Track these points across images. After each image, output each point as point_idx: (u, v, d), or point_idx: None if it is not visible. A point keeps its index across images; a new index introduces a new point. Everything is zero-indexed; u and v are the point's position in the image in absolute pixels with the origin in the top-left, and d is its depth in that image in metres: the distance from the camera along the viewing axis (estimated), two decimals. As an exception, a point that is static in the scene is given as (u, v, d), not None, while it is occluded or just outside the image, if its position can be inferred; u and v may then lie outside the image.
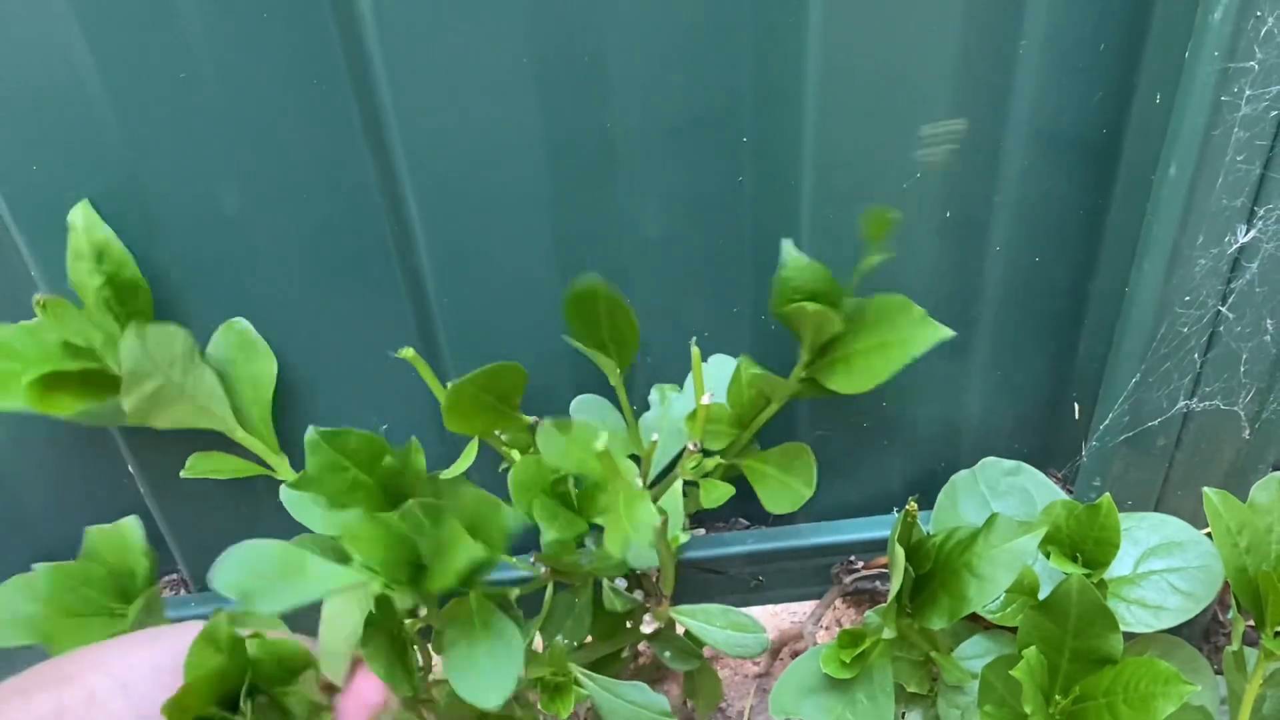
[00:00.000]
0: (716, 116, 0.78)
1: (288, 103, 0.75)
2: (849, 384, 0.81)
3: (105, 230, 0.78)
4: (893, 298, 0.79)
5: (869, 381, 0.80)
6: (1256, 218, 0.76)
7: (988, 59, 0.76)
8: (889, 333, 0.80)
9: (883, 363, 0.79)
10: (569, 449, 0.76)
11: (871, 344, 0.80)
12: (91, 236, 0.78)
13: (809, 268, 0.78)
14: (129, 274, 0.80)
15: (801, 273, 0.79)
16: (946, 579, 0.79)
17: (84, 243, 0.78)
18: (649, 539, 0.72)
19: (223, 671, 0.63)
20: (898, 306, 0.79)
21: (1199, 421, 0.87)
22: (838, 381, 0.82)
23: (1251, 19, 0.67)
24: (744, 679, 1.14)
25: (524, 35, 0.73)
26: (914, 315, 0.79)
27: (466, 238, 0.81)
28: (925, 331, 0.78)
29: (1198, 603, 0.85)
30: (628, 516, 0.72)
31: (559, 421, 0.77)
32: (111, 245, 0.78)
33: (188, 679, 0.61)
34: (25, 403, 0.77)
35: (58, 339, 0.79)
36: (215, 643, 0.62)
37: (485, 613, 0.74)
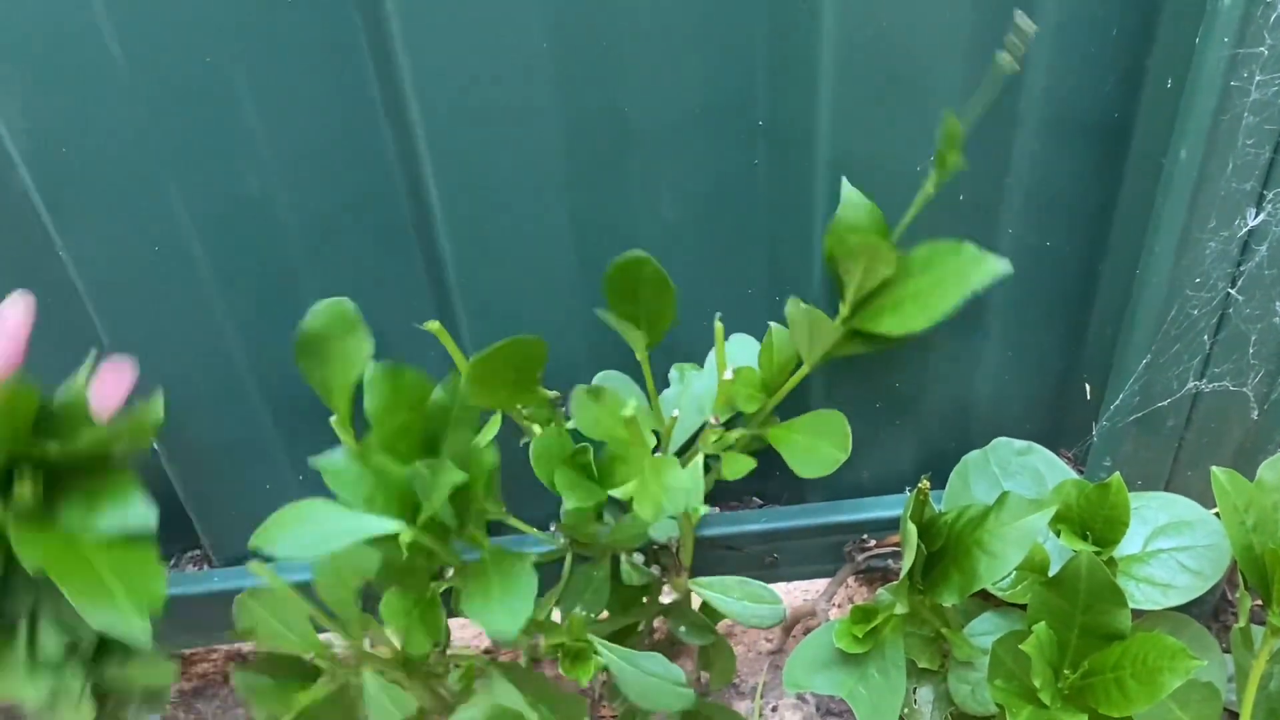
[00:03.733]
0: (732, 100, 0.79)
1: (310, 85, 0.77)
2: (900, 324, 0.81)
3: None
4: (941, 242, 0.80)
5: (923, 320, 0.80)
6: (1266, 201, 0.77)
7: (1000, 43, 0.77)
8: (943, 269, 0.80)
9: (938, 299, 0.80)
10: (600, 417, 0.78)
11: (924, 283, 0.80)
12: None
13: (863, 206, 0.80)
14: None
15: (857, 211, 0.80)
16: (958, 556, 0.81)
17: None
18: (683, 504, 0.73)
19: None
20: (950, 247, 0.80)
21: (1208, 402, 0.88)
22: (887, 323, 0.81)
23: (1262, 5, 0.68)
24: (758, 655, 1.16)
25: (542, 20, 0.74)
26: (969, 251, 0.79)
27: (485, 218, 0.82)
28: (983, 265, 0.78)
29: (1206, 581, 0.86)
30: (657, 481, 0.74)
31: (591, 389, 0.78)
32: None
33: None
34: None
35: None
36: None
37: (499, 558, 0.77)
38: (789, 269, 0.88)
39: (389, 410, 0.77)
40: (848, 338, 0.84)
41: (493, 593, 0.75)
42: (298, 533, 0.70)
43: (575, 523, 0.88)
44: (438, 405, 0.79)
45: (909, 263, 0.81)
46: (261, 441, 0.94)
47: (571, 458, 0.80)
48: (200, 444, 0.94)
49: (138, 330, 0.86)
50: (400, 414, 0.78)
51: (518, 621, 0.74)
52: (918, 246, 0.81)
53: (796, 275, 0.88)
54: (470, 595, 0.76)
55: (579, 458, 0.80)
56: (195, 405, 0.91)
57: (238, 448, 0.94)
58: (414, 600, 0.75)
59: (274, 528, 0.70)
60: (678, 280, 0.85)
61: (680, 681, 0.86)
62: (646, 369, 0.86)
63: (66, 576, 0.62)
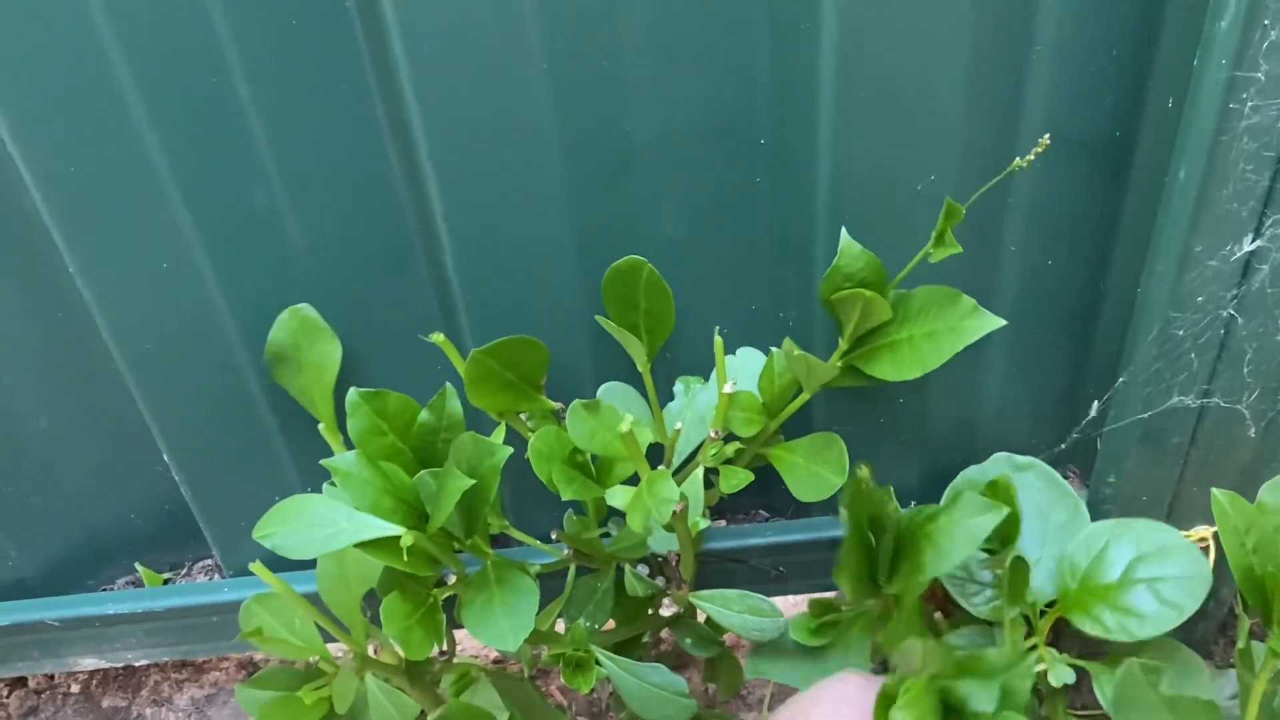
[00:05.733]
0: (734, 118, 0.80)
1: (315, 105, 0.78)
2: (896, 371, 0.83)
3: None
4: (940, 289, 0.82)
5: (917, 369, 0.82)
6: (1266, 224, 0.77)
7: (1001, 63, 0.77)
8: (938, 322, 0.82)
9: (932, 351, 0.82)
10: (596, 430, 0.79)
11: (919, 333, 0.82)
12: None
13: (861, 256, 0.81)
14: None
15: (854, 261, 0.81)
16: (907, 547, 0.81)
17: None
18: (669, 514, 0.74)
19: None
20: (947, 297, 0.82)
21: (1211, 420, 0.88)
22: (883, 369, 0.84)
23: (1258, 30, 0.68)
24: (764, 667, 1.16)
25: (542, 40, 0.75)
26: (965, 305, 0.81)
27: (489, 236, 0.84)
28: (977, 321, 0.80)
29: (1181, 613, 0.84)
30: (649, 493, 0.75)
31: (588, 402, 0.79)
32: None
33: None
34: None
35: None
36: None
37: (500, 569, 0.78)
38: (792, 284, 0.88)
39: (372, 433, 0.79)
40: (846, 373, 0.85)
41: (494, 604, 0.77)
42: (300, 529, 0.71)
43: (576, 531, 0.88)
44: (425, 427, 0.80)
45: (907, 305, 0.82)
46: (269, 452, 0.96)
47: (570, 455, 0.81)
48: (209, 455, 0.95)
49: (146, 343, 0.88)
50: (385, 438, 0.79)
51: (519, 636, 0.75)
52: (916, 291, 0.82)
53: (800, 291, 0.88)
54: (471, 605, 0.77)
55: (577, 456, 0.81)
56: (204, 416, 0.93)
57: (246, 458, 0.96)
58: (415, 605, 0.76)
59: (275, 520, 0.72)
60: (682, 296, 0.87)
61: (682, 692, 0.87)
62: (648, 379, 0.87)
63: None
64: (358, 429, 0.82)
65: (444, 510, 0.72)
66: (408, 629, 0.74)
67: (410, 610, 0.75)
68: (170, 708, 1.18)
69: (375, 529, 0.71)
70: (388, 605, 0.74)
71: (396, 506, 0.73)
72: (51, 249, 0.83)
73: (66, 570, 1.07)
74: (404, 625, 0.74)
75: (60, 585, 1.06)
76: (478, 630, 0.75)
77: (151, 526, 1.05)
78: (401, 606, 0.75)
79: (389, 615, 0.74)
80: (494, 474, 0.75)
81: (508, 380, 0.83)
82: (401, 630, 0.74)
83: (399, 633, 0.74)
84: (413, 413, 0.83)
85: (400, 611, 0.74)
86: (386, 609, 0.74)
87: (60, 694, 1.20)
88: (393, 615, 0.74)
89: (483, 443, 0.75)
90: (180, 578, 1.08)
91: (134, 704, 1.19)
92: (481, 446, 0.75)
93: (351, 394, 0.82)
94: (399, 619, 0.74)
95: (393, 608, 0.74)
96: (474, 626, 0.76)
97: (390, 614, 0.74)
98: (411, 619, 0.75)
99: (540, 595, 0.84)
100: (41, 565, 1.06)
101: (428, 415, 0.83)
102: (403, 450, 0.83)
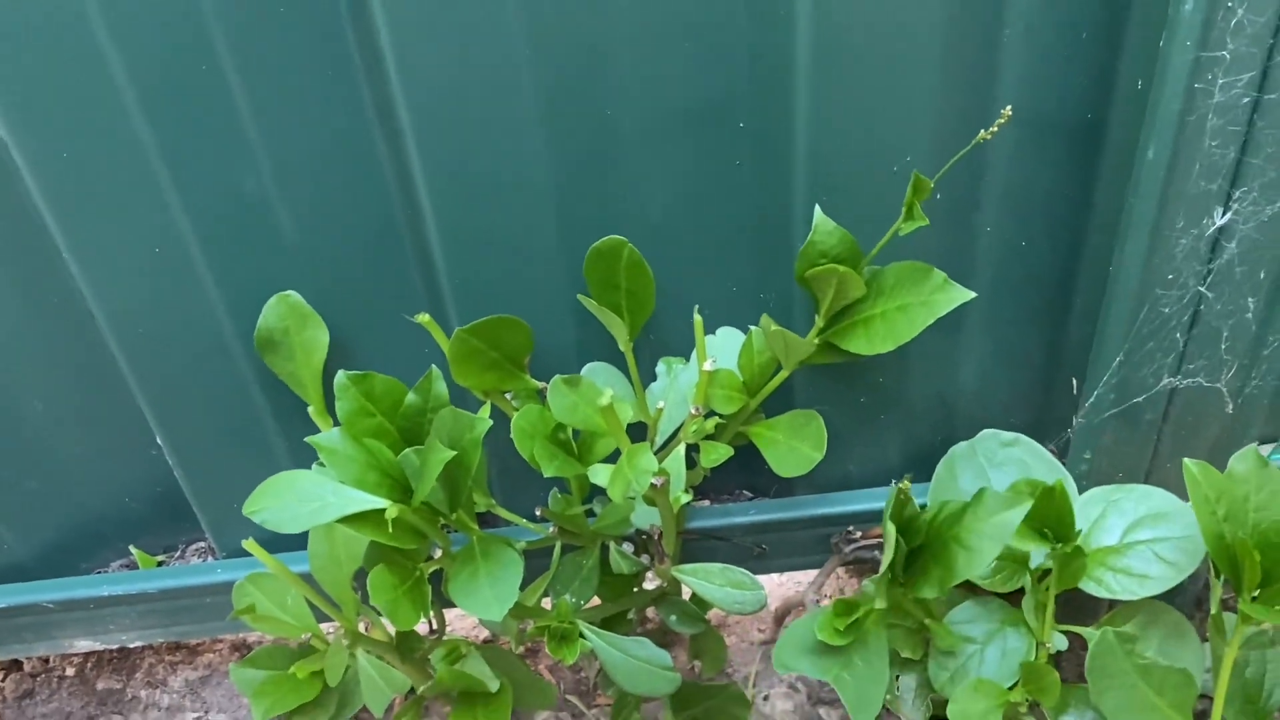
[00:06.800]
0: (714, 103, 0.82)
1: (303, 92, 0.80)
2: (869, 345, 0.85)
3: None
4: (912, 264, 0.84)
5: (890, 342, 0.84)
6: (1233, 200, 0.78)
7: (973, 46, 0.79)
8: (911, 295, 0.84)
9: (905, 324, 0.84)
10: (576, 404, 0.80)
11: (892, 307, 0.84)
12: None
13: (836, 233, 0.83)
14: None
15: (828, 238, 0.83)
16: (937, 551, 0.83)
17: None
18: (647, 485, 0.76)
19: None
20: (918, 272, 0.84)
21: (1184, 397, 0.90)
22: (857, 343, 0.86)
23: (1222, 10, 0.70)
24: (750, 645, 1.18)
25: (525, 28, 0.76)
26: (935, 279, 0.83)
27: (475, 220, 0.85)
28: (948, 294, 0.83)
29: (1181, 571, 0.88)
30: (629, 465, 0.76)
31: (568, 378, 0.81)
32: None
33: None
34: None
35: None
36: None
37: (485, 543, 0.80)
38: (772, 265, 0.90)
39: (360, 415, 0.80)
40: (823, 349, 0.87)
41: (480, 578, 0.78)
42: (288, 503, 0.73)
43: (560, 508, 0.90)
44: (412, 408, 0.82)
45: (880, 281, 0.84)
46: (261, 434, 0.97)
47: (552, 433, 0.83)
48: (202, 437, 0.96)
49: (140, 327, 0.90)
50: (372, 419, 0.81)
51: (503, 606, 0.77)
52: (889, 267, 0.84)
53: (779, 271, 0.90)
54: (457, 579, 0.79)
55: (559, 433, 0.83)
56: (196, 400, 0.94)
57: (238, 441, 0.97)
58: (401, 578, 0.78)
59: (265, 495, 0.73)
60: (664, 277, 0.88)
61: (666, 665, 0.89)
62: (630, 358, 0.89)
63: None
64: (346, 411, 0.83)
65: (427, 482, 0.73)
66: (395, 600, 0.76)
67: (397, 582, 0.77)
68: (165, 689, 1.20)
69: (361, 502, 0.72)
70: (375, 577, 0.76)
71: (381, 481, 0.75)
72: (46, 234, 0.84)
73: (61, 553, 1.08)
74: (391, 597, 0.76)
75: (55, 568, 1.08)
76: (464, 600, 0.77)
77: (145, 509, 1.06)
78: (388, 579, 0.76)
79: (376, 586, 0.75)
80: (475, 447, 0.76)
81: (491, 359, 0.84)
82: (389, 601, 0.75)
83: (387, 603, 0.75)
84: (400, 394, 0.85)
85: (387, 583, 0.76)
86: (374, 580, 0.76)
87: (55, 677, 1.22)
88: (380, 587, 0.75)
89: (463, 416, 0.77)
90: (174, 560, 1.09)
91: (129, 686, 1.20)
92: (461, 420, 0.76)
93: (339, 377, 0.83)
94: (386, 590, 0.76)
95: (380, 579, 0.76)
96: (460, 597, 0.77)
97: (377, 585, 0.75)
98: (398, 590, 0.77)
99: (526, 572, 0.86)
100: (36, 549, 1.07)
101: (414, 397, 0.84)
102: (390, 431, 0.84)
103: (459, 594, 0.77)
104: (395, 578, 0.77)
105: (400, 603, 0.76)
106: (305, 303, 0.88)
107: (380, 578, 0.76)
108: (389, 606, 0.75)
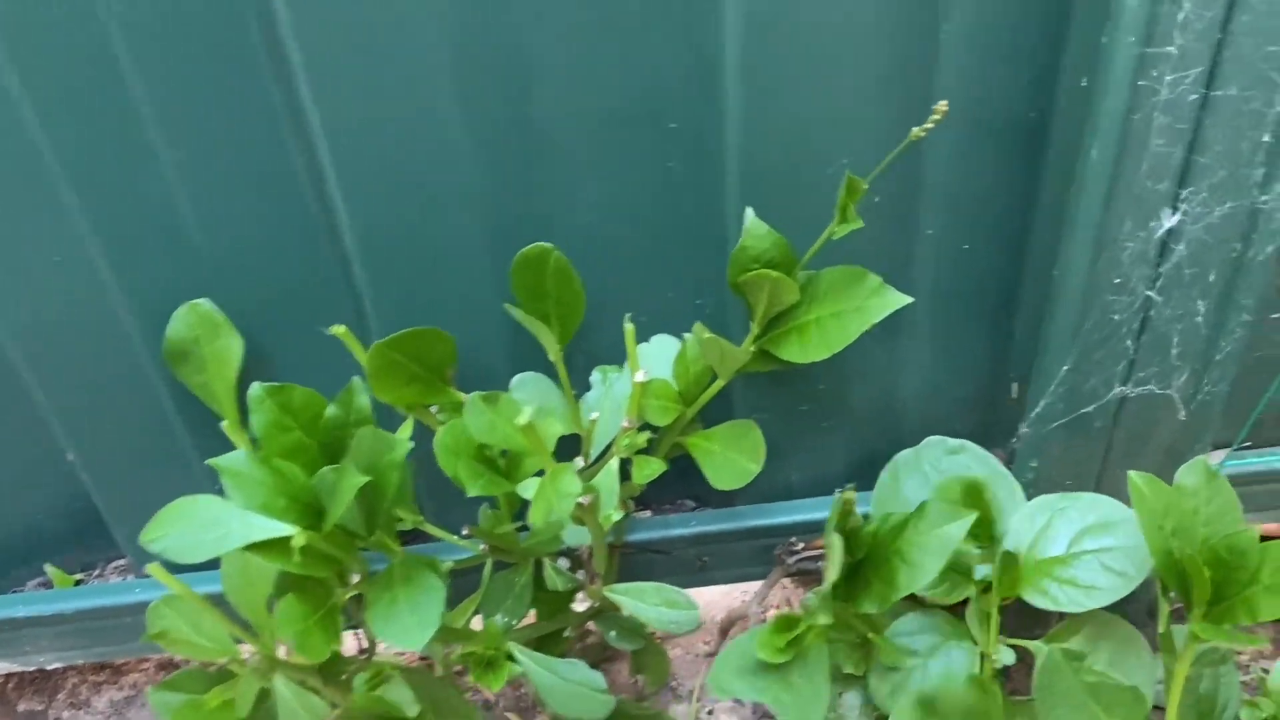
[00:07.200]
0: (643, 103, 0.78)
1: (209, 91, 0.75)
2: (803, 353, 0.82)
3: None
4: (847, 268, 0.80)
5: (824, 350, 0.80)
6: (1181, 200, 0.75)
7: (909, 41, 0.76)
8: (845, 301, 0.80)
9: (838, 331, 0.80)
10: (495, 423, 0.77)
11: (826, 313, 0.81)
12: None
13: (768, 236, 0.79)
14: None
15: (761, 241, 0.79)
16: (879, 565, 0.80)
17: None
18: (569, 509, 0.72)
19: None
20: (853, 276, 0.80)
21: (1135, 404, 0.87)
22: (791, 351, 0.82)
23: (1167, 4, 0.67)
24: (695, 658, 1.15)
25: (441, 26, 0.73)
26: (870, 283, 0.80)
27: (394, 224, 0.81)
28: (882, 299, 0.79)
29: (1130, 582, 0.85)
30: (550, 488, 0.73)
31: (486, 395, 0.77)
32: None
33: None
34: None
35: None
36: None
37: (406, 566, 0.76)
38: (708, 270, 0.87)
39: (277, 429, 0.77)
40: (758, 357, 0.84)
41: (398, 603, 0.75)
42: (189, 530, 0.69)
43: (490, 526, 0.86)
44: (333, 421, 0.78)
45: (815, 286, 0.81)
46: (176, 449, 0.93)
47: (478, 450, 0.79)
48: (114, 452, 0.92)
49: (45, 339, 0.85)
50: (291, 432, 0.77)
51: (424, 634, 0.73)
52: (824, 271, 0.81)
53: (716, 276, 0.86)
54: (376, 606, 0.75)
55: (485, 450, 0.79)
56: (107, 414, 0.90)
57: (152, 456, 0.93)
58: (313, 606, 0.74)
59: (164, 522, 0.70)
60: (598, 284, 0.85)
61: (599, 688, 0.85)
62: (561, 368, 0.85)
63: None
64: (262, 424, 0.79)
65: (337, 509, 0.70)
66: (305, 631, 0.72)
67: (308, 612, 0.73)
68: (88, 710, 1.16)
69: (266, 530, 0.68)
70: (284, 607, 0.72)
71: (290, 506, 0.71)
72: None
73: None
74: (301, 627, 0.72)
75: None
76: (382, 629, 0.73)
77: (62, 526, 1.02)
78: (299, 608, 0.72)
79: (285, 617, 0.71)
80: (393, 469, 0.72)
81: (413, 372, 0.80)
82: (299, 632, 0.71)
83: (296, 635, 0.71)
84: (319, 407, 0.81)
85: (297, 613, 0.72)
86: (283, 610, 0.72)
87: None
88: (289, 617, 0.72)
89: (381, 438, 0.73)
90: (93, 578, 1.05)
91: (51, 707, 1.16)
92: (380, 442, 0.73)
93: (254, 388, 0.79)
94: (295, 620, 0.72)
95: (289, 609, 0.72)
96: (378, 625, 0.74)
97: (286, 616, 0.72)
98: (309, 620, 0.73)
99: (455, 592, 0.82)
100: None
101: (335, 410, 0.81)
102: (310, 446, 0.81)
103: (377, 622, 0.74)
104: (306, 607, 0.73)
105: (311, 634, 0.72)
106: (217, 311, 0.84)
107: (290, 607, 0.72)
108: (299, 638, 0.71)
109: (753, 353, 0.83)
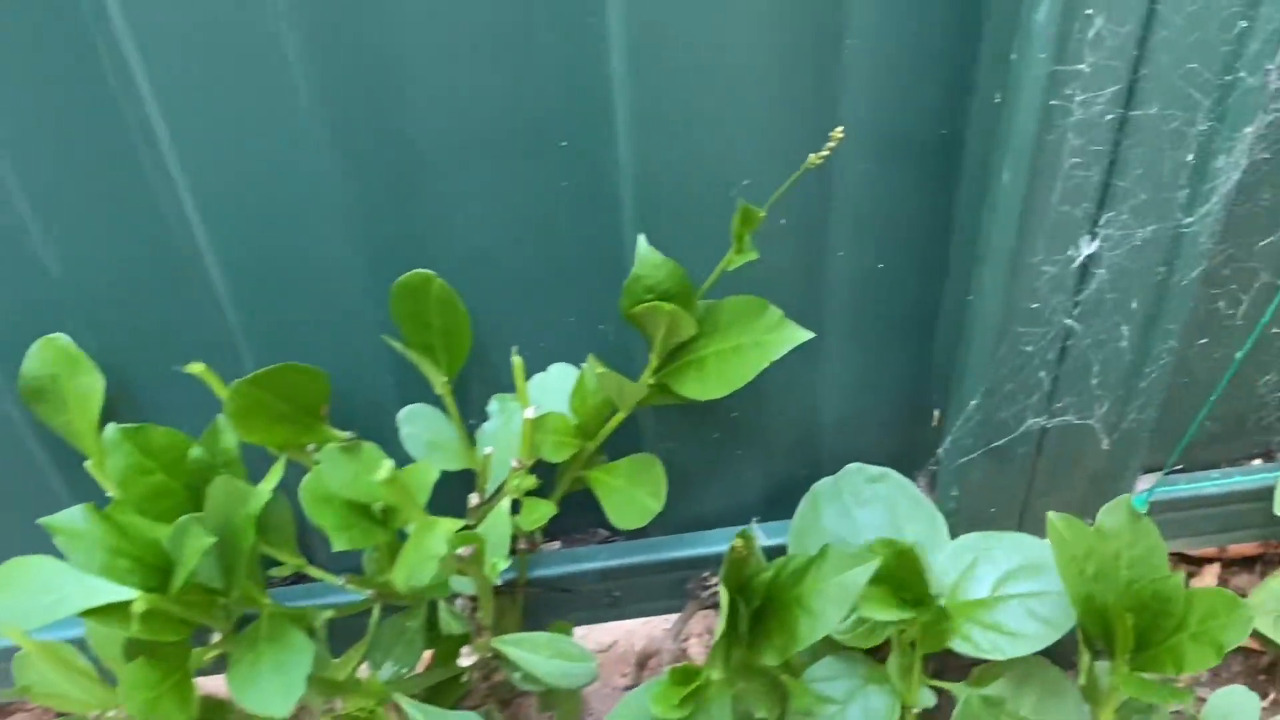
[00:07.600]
0: (529, 120, 0.73)
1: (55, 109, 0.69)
2: (702, 390, 0.77)
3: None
4: (747, 299, 0.76)
5: (723, 387, 0.76)
6: (1101, 225, 0.71)
7: (811, 56, 0.70)
8: (744, 335, 0.76)
9: (738, 367, 0.76)
10: (358, 475, 0.71)
11: (725, 347, 0.77)
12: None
13: (663, 265, 0.75)
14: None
15: (655, 271, 0.75)
16: (780, 613, 0.75)
17: None
18: (431, 573, 0.67)
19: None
20: (753, 308, 0.76)
21: (1056, 435, 0.83)
22: (690, 387, 0.78)
23: (1079, 20, 0.62)
24: (612, 691, 1.10)
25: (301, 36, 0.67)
26: (771, 317, 0.76)
27: (261, 252, 0.76)
28: (783, 334, 0.76)
29: (1056, 629, 0.80)
30: (414, 548, 0.67)
31: (346, 445, 0.72)
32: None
33: None
34: None
35: None
36: None
37: (272, 625, 0.71)
38: (606, 295, 0.81)
39: (137, 472, 0.71)
40: (657, 390, 0.79)
41: (262, 663, 0.69)
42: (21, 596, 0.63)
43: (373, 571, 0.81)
44: (198, 463, 0.72)
45: (715, 317, 0.77)
46: (45, 489, 0.87)
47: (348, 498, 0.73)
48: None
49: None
50: (152, 476, 0.71)
51: (289, 697, 0.68)
52: (725, 301, 0.76)
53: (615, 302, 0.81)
54: (237, 668, 0.69)
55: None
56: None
57: (19, 496, 0.87)
58: (163, 673, 0.68)
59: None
60: (493, 309, 0.80)
61: (494, 743, 0.80)
62: (450, 401, 0.80)
63: None
64: (120, 468, 0.73)
65: (184, 572, 0.64)
66: (153, 700, 0.66)
67: (157, 679, 0.67)
68: (-26, 754, 1.10)
69: (105, 593, 0.62)
70: (128, 675, 0.66)
71: (133, 568, 0.65)
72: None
73: None
74: (149, 696, 0.66)
75: None
76: (243, 696, 0.68)
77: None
78: (146, 675, 0.66)
79: (130, 686, 0.65)
80: (249, 524, 0.67)
81: (281, 411, 0.75)
82: (147, 701, 0.65)
83: (144, 703, 0.65)
84: (183, 448, 0.75)
85: (145, 680, 0.66)
86: (127, 679, 0.66)
87: None
88: (135, 685, 0.65)
89: (235, 489, 0.67)
90: (-31, 621, 0.99)
91: (-67, 751, 1.10)
92: (234, 495, 0.67)
93: (110, 430, 0.73)
94: (143, 690, 0.66)
95: (136, 676, 0.66)
96: (239, 690, 0.68)
97: (131, 685, 0.65)
98: (159, 689, 0.67)
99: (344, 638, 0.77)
100: None
101: (199, 451, 0.75)
102: (174, 489, 0.75)
103: (237, 687, 0.68)
104: (155, 674, 0.67)
105: (160, 703, 0.66)
106: (75, 346, 0.78)
107: (136, 675, 0.66)
108: (147, 706, 0.65)
109: (651, 386, 0.78)
